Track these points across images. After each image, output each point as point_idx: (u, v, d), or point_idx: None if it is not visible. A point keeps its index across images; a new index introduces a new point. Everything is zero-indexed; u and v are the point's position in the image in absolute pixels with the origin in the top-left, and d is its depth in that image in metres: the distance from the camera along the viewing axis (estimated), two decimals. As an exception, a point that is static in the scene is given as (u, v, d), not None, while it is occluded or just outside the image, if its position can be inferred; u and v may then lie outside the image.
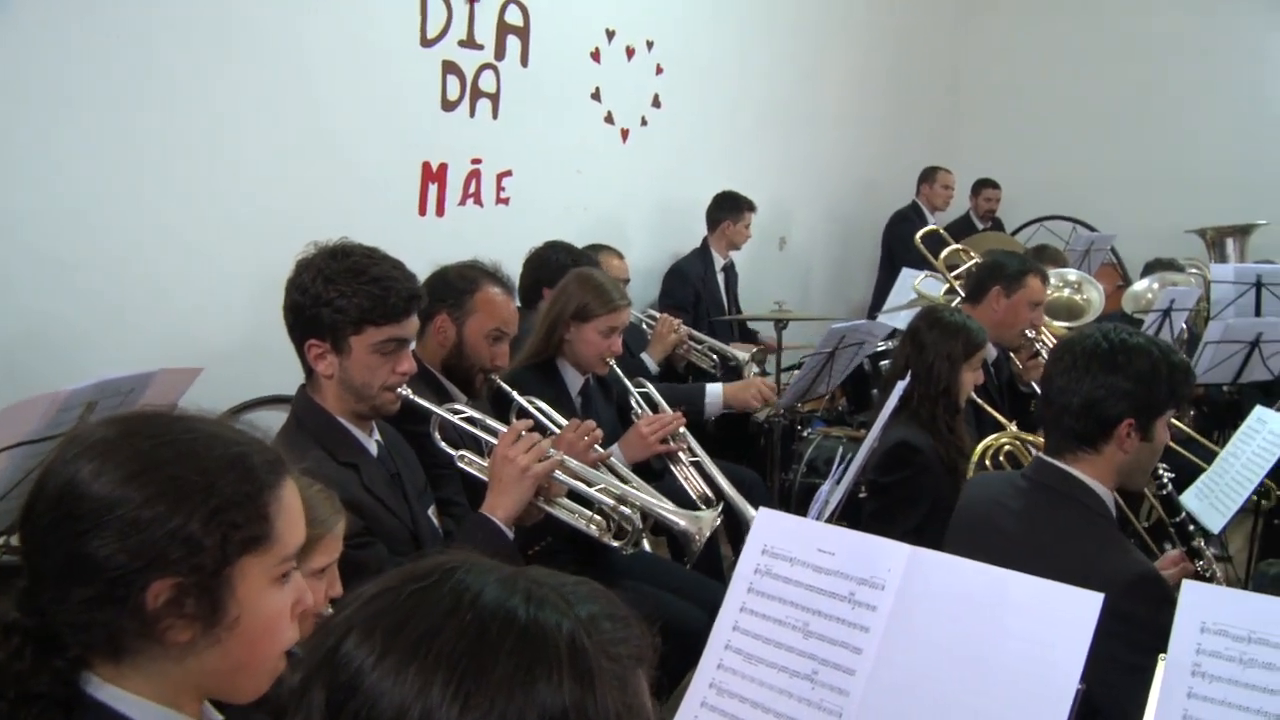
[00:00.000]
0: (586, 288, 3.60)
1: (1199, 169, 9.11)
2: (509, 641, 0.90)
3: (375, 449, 2.63)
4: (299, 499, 1.42)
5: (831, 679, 1.61)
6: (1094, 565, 2.25)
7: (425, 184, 5.05)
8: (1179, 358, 2.48)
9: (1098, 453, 2.45)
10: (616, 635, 0.96)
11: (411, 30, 4.87)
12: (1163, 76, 9.41)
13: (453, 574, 0.95)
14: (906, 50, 9.40)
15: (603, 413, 3.72)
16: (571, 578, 1.01)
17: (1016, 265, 4.50)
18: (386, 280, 2.49)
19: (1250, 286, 6.14)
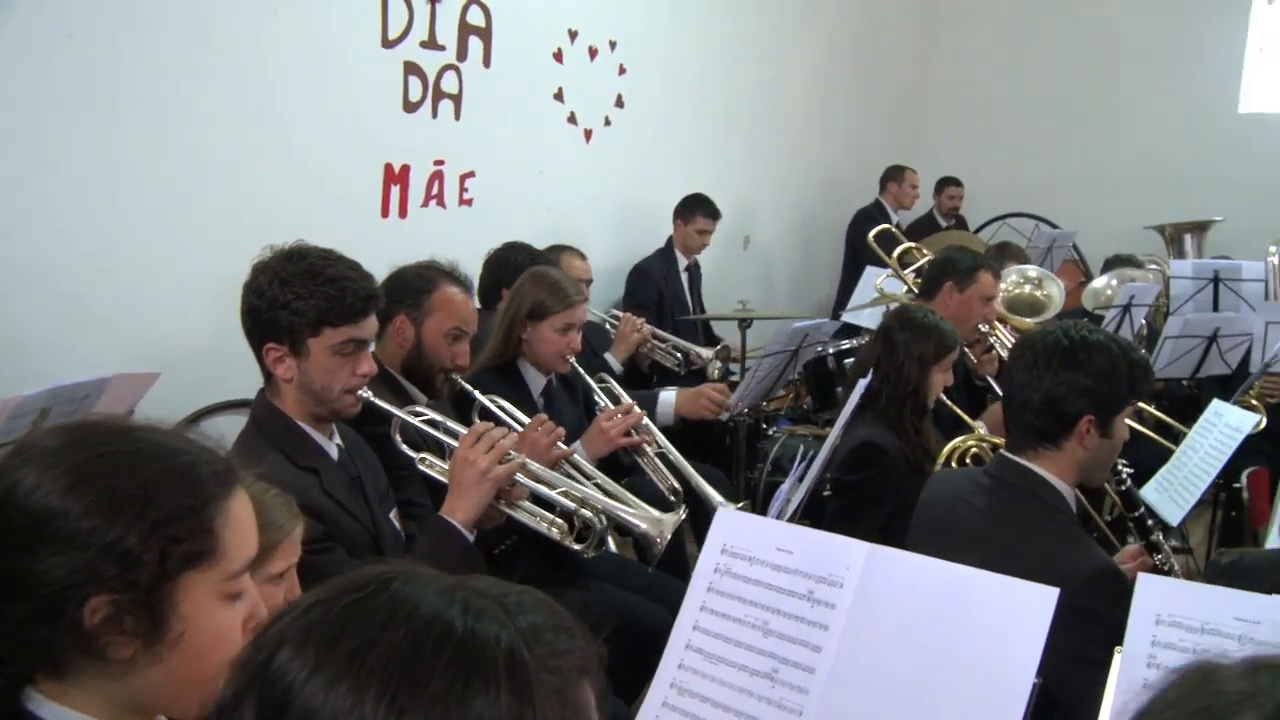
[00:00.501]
0: (541, 286, 3.59)
1: (1158, 167, 9.22)
2: (445, 654, 0.88)
3: (336, 452, 2.61)
4: (250, 511, 1.38)
5: (792, 677, 1.62)
6: (1055, 561, 2.27)
7: (388, 186, 5.03)
8: (1138, 355, 2.51)
9: (1058, 449, 2.46)
10: (559, 646, 0.94)
11: (372, 31, 4.84)
12: (1122, 77, 9.50)
13: (389, 585, 0.94)
14: (870, 50, 9.43)
15: (567, 412, 3.71)
16: (516, 587, 0.99)
17: (968, 261, 4.53)
18: (343, 281, 2.48)
19: (1208, 282, 6.21)
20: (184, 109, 4.04)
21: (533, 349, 3.60)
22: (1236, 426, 3.59)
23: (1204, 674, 0.93)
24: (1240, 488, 4.60)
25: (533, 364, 3.63)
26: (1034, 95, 9.83)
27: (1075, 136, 9.67)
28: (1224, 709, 0.88)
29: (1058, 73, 9.74)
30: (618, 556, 3.79)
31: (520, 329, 3.58)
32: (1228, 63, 9.29)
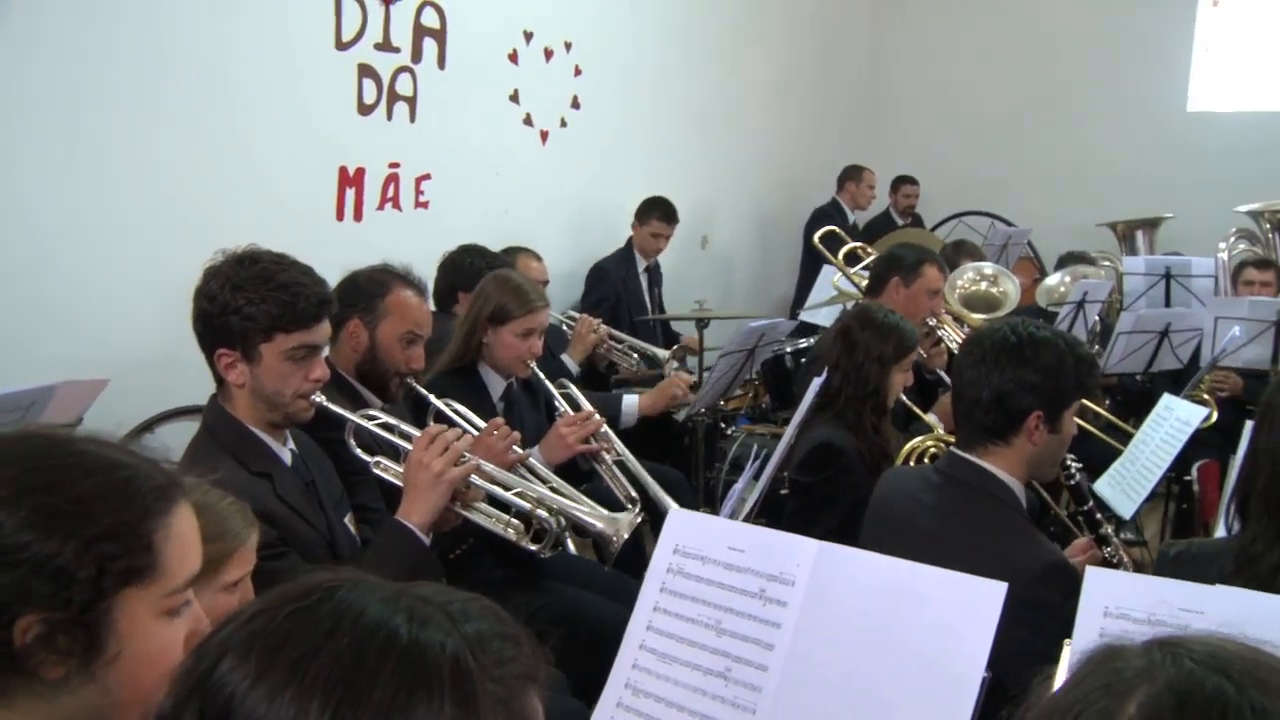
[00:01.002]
0: (504, 290, 3.57)
1: (1110, 165, 9.34)
2: (389, 663, 0.88)
3: (289, 458, 2.59)
4: (194, 526, 1.35)
5: (745, 676, 1.62)
6: (1006, 556, 2.29)
7: (342, 189, 5.01)
8: (1084, 350, 2.53)
9: (1008, 445, 2.48)
10: (505, 654, 0.94)
11: (326, 33, 4.83)
12: (1074, 77, 9.61)
13: (334, 593, 0.93)
14: (826, 50, 9.48)
15: (528, 416, 3.70)
16: (462, 594, 0.99)
17: (913, 256, 4.56)
18: (295, 286, 2.46)
19: (1160, 278, 6.30)
20: (138, 112, 4.02)
21: (493, 353, 3.58)
22: (1186, 420, 3.63)
23: (1107, 654, 0.97)
24: (1191, 480, 4.67)
25: (493, 368, 3.61)
26: (988, 95, 9.93)
27: (1029, 135, 9.78)
28: (1120, 685, 0.91)
29: (1011, 73, 9.84)
30: (577, 557, 3.78)
31: (481, 332, 3.56)
32: (1176, 63, 9.42)
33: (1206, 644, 0.94)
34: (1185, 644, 0.94)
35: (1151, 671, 0.91)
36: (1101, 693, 0.92)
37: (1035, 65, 9.75)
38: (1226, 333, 5.13)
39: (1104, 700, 0.91)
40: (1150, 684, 0.90)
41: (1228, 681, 0.88)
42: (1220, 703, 0.87)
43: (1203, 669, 0.90)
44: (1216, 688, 0.88)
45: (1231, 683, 0.88)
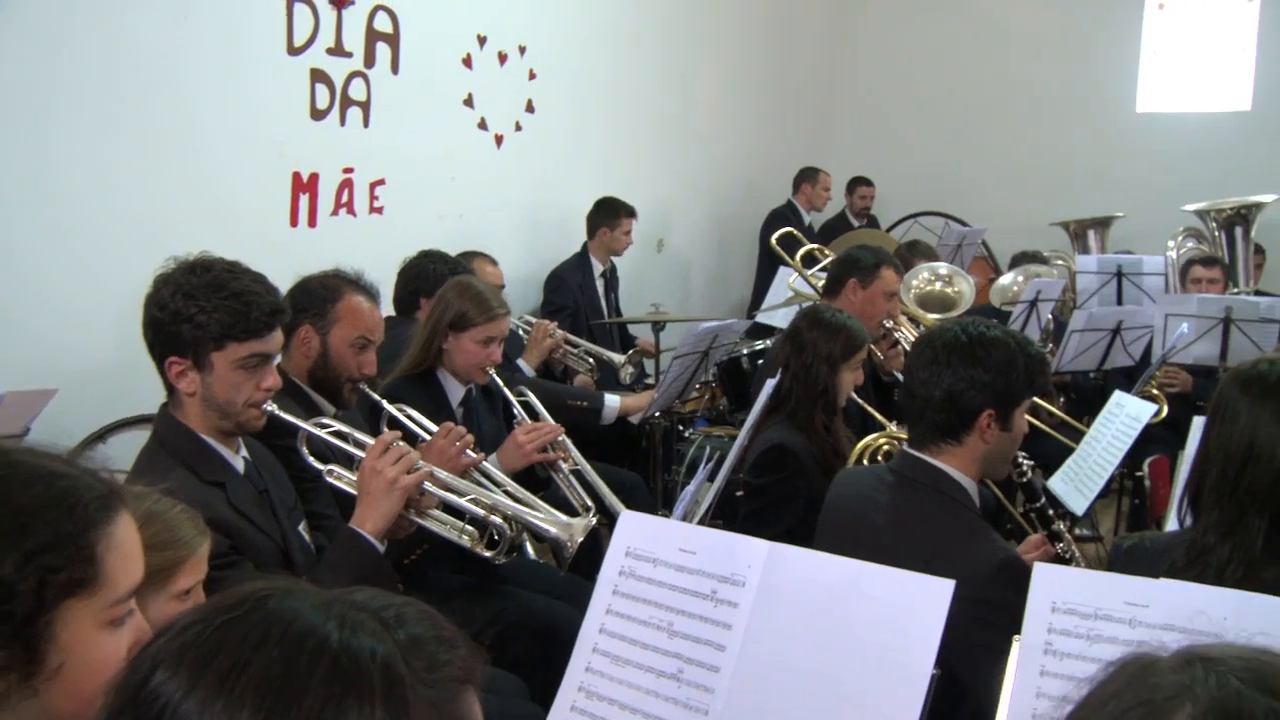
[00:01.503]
0: (465, 296, 3.56)
1: (1061, 165, 9.49)
2: (320, 670, 0.88)
3: (242, 466, 2.57)
4: (135, 535, 1.34)
5: (697, 677, 1.63)
6: (960, 554, 2.31)
7: (296, 194, 4.97)
8: (1035, 349, 2.56)
9: (960, 444, 2.50)
10: (439, 658, 0.95)
11: (277, 38, 4.79)
12: (1026, 79, 9.74)
13: (265, 602, 0.93)
14: (780, 52, 9.52)
15: (486, 423, 3.69)
16: (398, 598, 0.99)
17: (871, 258, 4.58)
18: (248, 295, 2.44)
19: (1112, 276, 6.38)
20: (89, 119, 3.97)
21: (452, 359, 3.57)
22: (1136, 416, 3.68)
23: (1141, 667, 0.94)
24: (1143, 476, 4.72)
25: (452, 374, 3.61)
26: (942, 97, 10.03)
27: (982, 137, 9.89)
28: (1161, 703, 0.89)
29: (965, 75, 9.96)
30: (535, 562, 3.78)
31: (441, 338, 3.55)
32: (1125, 64, 9.58)
33: (1245, 659, 0.91)
34: (1225, 659, 0.91)
35: (1193, 689, 0.88)
36: (1140, 711, 0.89)
37: (988, 67, 9.87)
38: (1176, 330, 5.20)
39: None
40: (1194, 704, 0.87)
41: (1278, 703, 0.85)
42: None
43: (1249, 688, 0.87)
44: (1268, 711, 0.85)
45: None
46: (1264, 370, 2.13)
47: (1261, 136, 8.96)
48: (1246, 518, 2.04)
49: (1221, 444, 2.11)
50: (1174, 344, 5.14)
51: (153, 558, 1.45)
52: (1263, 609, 1.54)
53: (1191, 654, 0.93)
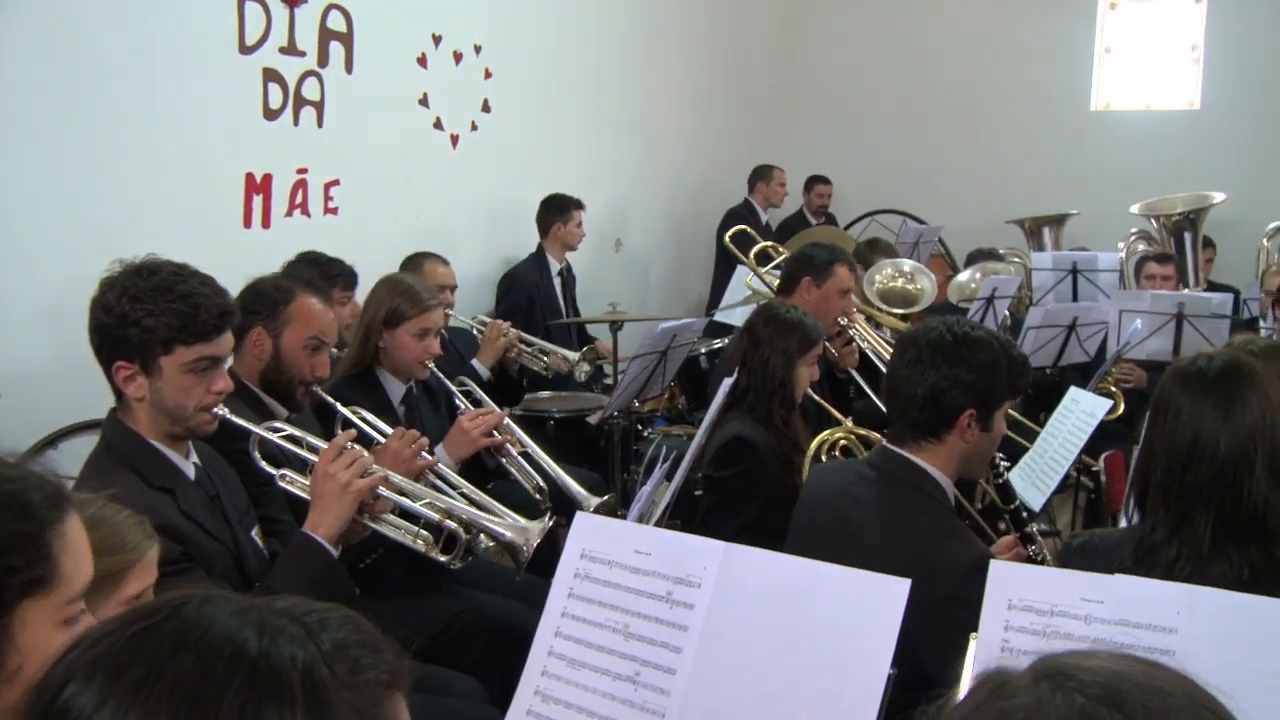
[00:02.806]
0: (395, 292, 3.56)
1: (1016, 163, 9.57)
2: (237, 678, 0.86)
3: (193, 471, 2.53)
4: (84, 534, 1.34)
5: (653, 679, 1.62)
6: (938, 551, 2.34)
7: (249, 195, 4.92)
8: (1017, 351, 2.58)
9: (940, 442, 2.51)
10: (363, 662, 0.94)
11: (228, 36, 4.74)
12: (981, 77, 9.83)
13: (181, 610, 0.92)
14: (738, 50, 9.54)
15: (429, 419, 3.68)
16: (321, 604, 0.98)
17: (824, 256, 4.58)
18: (196, 297, 2.40)
19: (1067, 273, 6.43)
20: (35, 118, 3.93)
21: (391, 356, 3.57)
22: (1091, 412, 3.71)
23: (995, 686, 0.92)
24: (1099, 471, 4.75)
25: (391, 372, 3.60)
26: (898, 95, 10.09)
27: (938, 135, 9.96)
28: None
29: (920, 74, 10.02)
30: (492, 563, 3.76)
31: (377, 337, 3.55)
32: (1078, 63, 9.68)
33: (1098, 673, 0.90)
34: (1076, 674, 0.89)
35: (1041, 710, 0.87)
36: None
37: (944, 67, 9.94)
38: (1130, 326, 5.24)
39: None
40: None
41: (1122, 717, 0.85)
42: None
43: (1095, 704, 0.86)
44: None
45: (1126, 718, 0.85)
46: (1203, 366, 2.14)
47: (1210, 134, 9.08)
48: (1193, 514, 2.06)
49: (1165, 441, 2.13)
50: (1128, 340, 5.18)
51: (99, 563, 1.44)
52: (1215, 602, 1.55)
53: (1042, 670, 0.92)
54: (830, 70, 10.39)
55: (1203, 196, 7.29)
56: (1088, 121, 9.66)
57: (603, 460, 5.08)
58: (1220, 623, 1.52)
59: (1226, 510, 2.04)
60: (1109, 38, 9.68)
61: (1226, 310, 5.37)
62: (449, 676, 3.01)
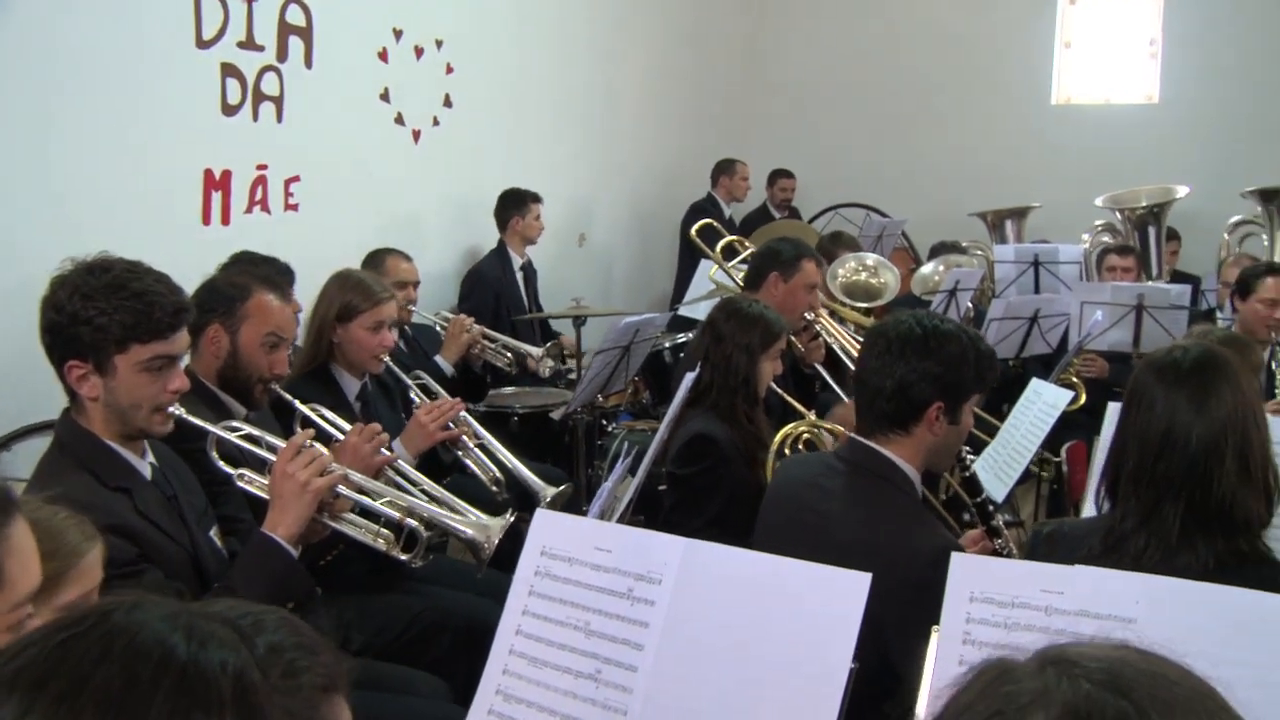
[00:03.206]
0: (346, 286, 3.56)
1: (979, 156, 9.61)
2: (164, 685, 0.84)
3: (149, 471, 2.50)
4: (31, 539, 1.32)
5: (615, 677, 1.61)
6: (905, 540, 2.34)
7: (208, 192, 4.87)
8: (985, 345, 2.59)
9: (908, 434, 2.52)
10: (299, 665, 0.92)
11: (185, 31, 4.68)
12: (944, 71, 9.86)
13: (109, 617, 0.90)
14: (701, 44, 9.53)
15: (385, 415, 3.66)
16: (258, 607, 0.97)
17: (791, 251, 4.59)
18: (150, 295, 2.37)
19: (1029, 265, 6.47)
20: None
21: (345, 351, 3.56)
22: (1053, 403, 3.73)
23: (998, 673, 0.92)
24: (1060, 461, 4.78)
25: (346, 367, 3.59)
26: (861, 89, 10.11)
27: (901, 128, 9.99)
28: (1015, 712, 0.87)
29: (883, 67, 10.05)
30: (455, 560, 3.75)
31: (330, 332, 3.53)
32: (1039, 57, 9.74)
33: (1103, 660, 0.90)
34: (1081, 661, 0.89)
35: (1047, 694, 0.87)
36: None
37: (907, 61, 9.97)
38: (1091, 317, 5.28)
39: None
40: (1047, 710, 0.86)
41: (1129, 704, 0.85)
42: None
43: (1101, 690, 0.86)
44: (1118, 713, 0.84)
45: (1133, 705, 0.84)
46: (1178, 358, 2.15)
47: (1170, 128, 9.15)
48: (1163, 504, 2.07)
49: (1138, 432, 2.14)
50: (1089, 331, 5.22)
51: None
52: (1172, 592, 1.55)
53: (1048, 657, 0.92)
54: (793, 65, 10.41)
55: (1167, 190, 7.37)
56: (1049, 115, 9.72)
57: (567, 456, 5.07)
58: (1177, 612, 1.53)
59: (1196, 501, 2.05)
60: (1069, 32, 9.75)
61: (1185, 301, 5.43)
62: (412, 675, 2.99)
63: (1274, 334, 4.57)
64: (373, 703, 2.71)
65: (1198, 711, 0.86)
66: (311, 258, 4.63)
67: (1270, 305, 4.66)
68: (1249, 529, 2.05)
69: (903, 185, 9.72)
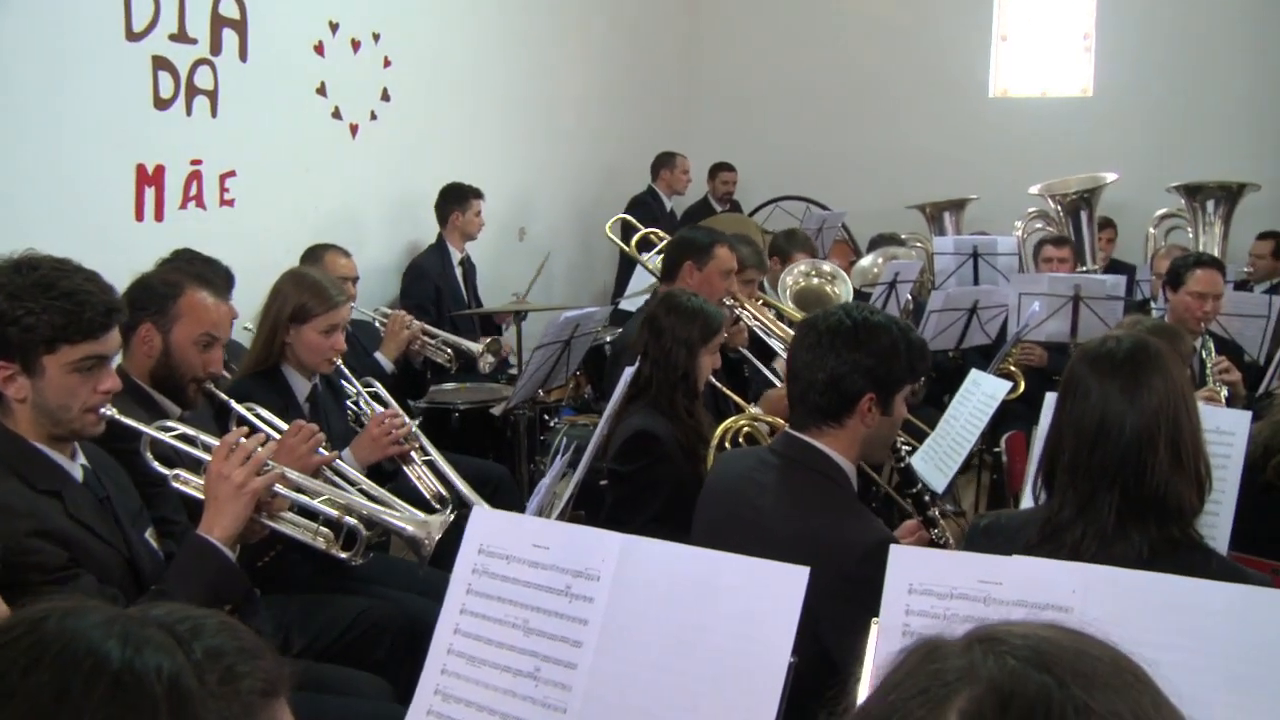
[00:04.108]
0: (302, 288, 3.50)
1: (917, 149, 9.70)
2: (96, 693, 0.83)
3: (80, 473, 2.45)
4: None
5: (554, 675, 1.60)
6: (839, 534, 2.34)
7: (141, 187, 4.78)
8: (916, 335, 2.60)
9: (841, 426, 2.51)
10: (238, 669, 0.91)
11: (115, 23, 4.59)
12: (881, 64, 9.95)
13: (41, 624, 0.88)
14: (640, 38, 9.52)
15: (335, 419, 3.62)
16: (198, 611, 0.95)
17: (704, 239, 4.61)
18: (80, 294, 2.31)
19: (968, 257, 6.53)
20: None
21: (296, 353, 3.50)
22: (991, 394, 3.77)
23: (927, 652, 0.93)
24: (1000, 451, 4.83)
25: (296, 368, 3.53)
26: (801, 83, 10.16)
27: (841, 122, 10.05)
28: (941, 689, 0.88)
29: (821, 60, 10.10)
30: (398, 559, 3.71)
31: (283, 333, 3.48)
32: (976, 50, 9.85)
33: (1029, 638, 0.91)
34: (1007, 639, 0.91)
35: (973, 671, 0.88)
36: (920, 700, 0.89)
37: (846, 54, 10.04)
38: (1028, 308, 5.34)
39: (922, 709, 0.88)
40: (972, 686, 0.87)
41: (1051, 679, 0.86)
42: (1044, 703, 0.85)
43: (1025, 666, 0.87)
44: (1040, 687, 0.86)
45: (1054, 679, 0.86)
46: (1111, 348, 2.17)
47: (1103, 120, 9.30)
48: (1098, 494, 2.09)
49: (1073, 422, 2.15)
50: (1026, 322, 5.28)
51: None
52: (1107, 580, 1.57)
53: (975, 635, 0.93)
54: (733, 58, 10.44)
55: (1096, 177, 7.49)
56: (986, 108, 9.83)
57: (509, 451, 5.05)
58: (1112, 600, 1.54)
59: (1130, 490, 2.06)
60: (1005, 25, 9.86)
61: (1120, 292, 5.50)
62: (353, 676, 2.96)
63: (1203, 324, 4.63)
64: (313, 704, 2.68)
65: (1117, 685, 0.87)
66: (249, 253, 4.59)
67: (1199, 298, 4.71)
68: (1181, 516, 2.07)
69: (842, 178, 9.79)
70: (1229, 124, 9.05)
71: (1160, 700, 0.89)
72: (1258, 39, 9.00)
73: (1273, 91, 8.98)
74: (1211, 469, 2.15)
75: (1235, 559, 2.39)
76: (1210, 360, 4.37)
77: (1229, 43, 9.05)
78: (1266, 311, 5.28)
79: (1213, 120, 9.06)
